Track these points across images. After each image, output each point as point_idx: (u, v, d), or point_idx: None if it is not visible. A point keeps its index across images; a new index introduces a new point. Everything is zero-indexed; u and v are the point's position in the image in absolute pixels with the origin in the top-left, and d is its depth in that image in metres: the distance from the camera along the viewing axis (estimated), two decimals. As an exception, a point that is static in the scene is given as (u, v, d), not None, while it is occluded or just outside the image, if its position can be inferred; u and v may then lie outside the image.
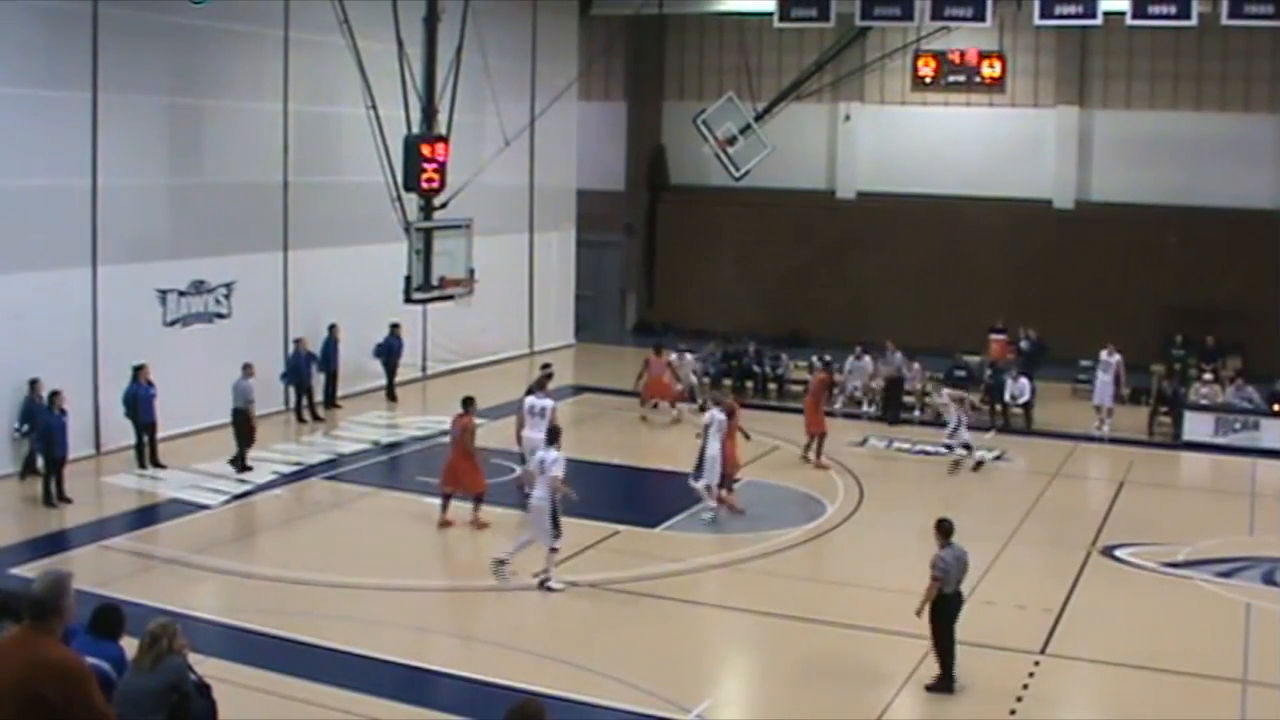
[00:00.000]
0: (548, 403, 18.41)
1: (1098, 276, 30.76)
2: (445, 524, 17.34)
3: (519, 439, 18.80)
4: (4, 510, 17.66)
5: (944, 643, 12.21)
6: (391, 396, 25.56)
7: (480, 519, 17.36)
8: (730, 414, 18.58)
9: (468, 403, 17.77)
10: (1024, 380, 25.23)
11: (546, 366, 22.22)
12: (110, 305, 20.38)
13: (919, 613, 12.22)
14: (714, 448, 17.86)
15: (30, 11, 19.03)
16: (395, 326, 25.14)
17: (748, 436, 19.76)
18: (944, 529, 12.38)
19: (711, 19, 33.73)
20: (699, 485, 18.00)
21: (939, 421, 22.96)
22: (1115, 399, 24.79)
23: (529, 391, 19.33)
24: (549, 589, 14.66)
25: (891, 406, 25.31)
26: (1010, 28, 30.62)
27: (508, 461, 19.80)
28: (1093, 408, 24.85)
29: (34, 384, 18.55)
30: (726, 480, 18.32)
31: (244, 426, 19.96)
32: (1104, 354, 24.88)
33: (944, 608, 12.15)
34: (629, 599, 14.72)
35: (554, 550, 14.75)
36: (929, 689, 12.23)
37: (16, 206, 18.95)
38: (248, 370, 20.22)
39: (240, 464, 19.78)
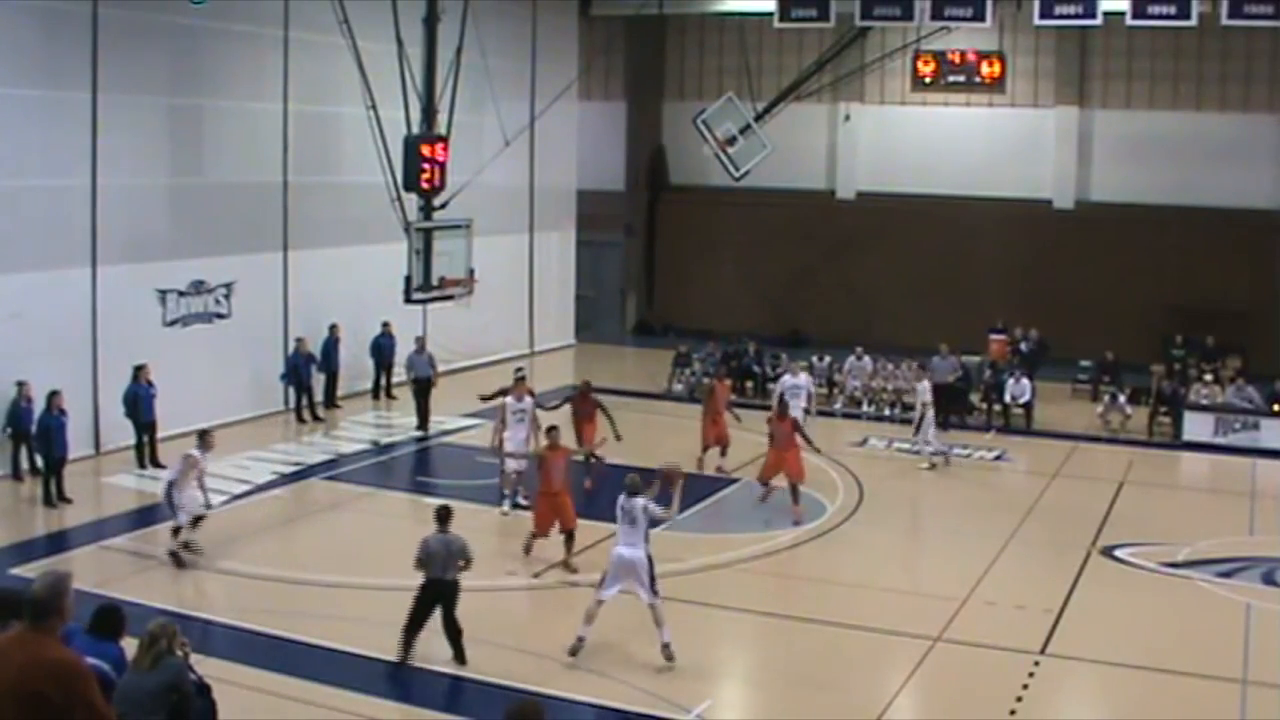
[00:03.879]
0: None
1: (1098, 276, 30.77)
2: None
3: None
4: (4, 510, 17.67)
5: (412, 622, 12.46)
6: (390, 395, 25.55)
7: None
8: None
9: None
10: (1024, 380, 25.23)
11: (519, 370, 20.59)
12: (110, 305, 20.39)
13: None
14: None
15: (30, 12, 19.04)
16: (386, 325, 25.12)
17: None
18: (439, 515, 12.72)
19: (711, 19, 33.73)
20: None
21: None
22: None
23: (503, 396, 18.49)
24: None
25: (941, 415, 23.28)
26: (1010, 28, 30.67)
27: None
28: (1107, 414, 24.82)
29: (21, 386, 18.53)
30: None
31: (426, 395, 23.12)
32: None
33: (423, 591, 12.44)
34: (629, 599, 14.69)
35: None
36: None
37: (16, 206, 18.97)
38: (420, 342, 23.78)
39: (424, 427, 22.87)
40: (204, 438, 16.28)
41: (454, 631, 12.60)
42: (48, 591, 5.96)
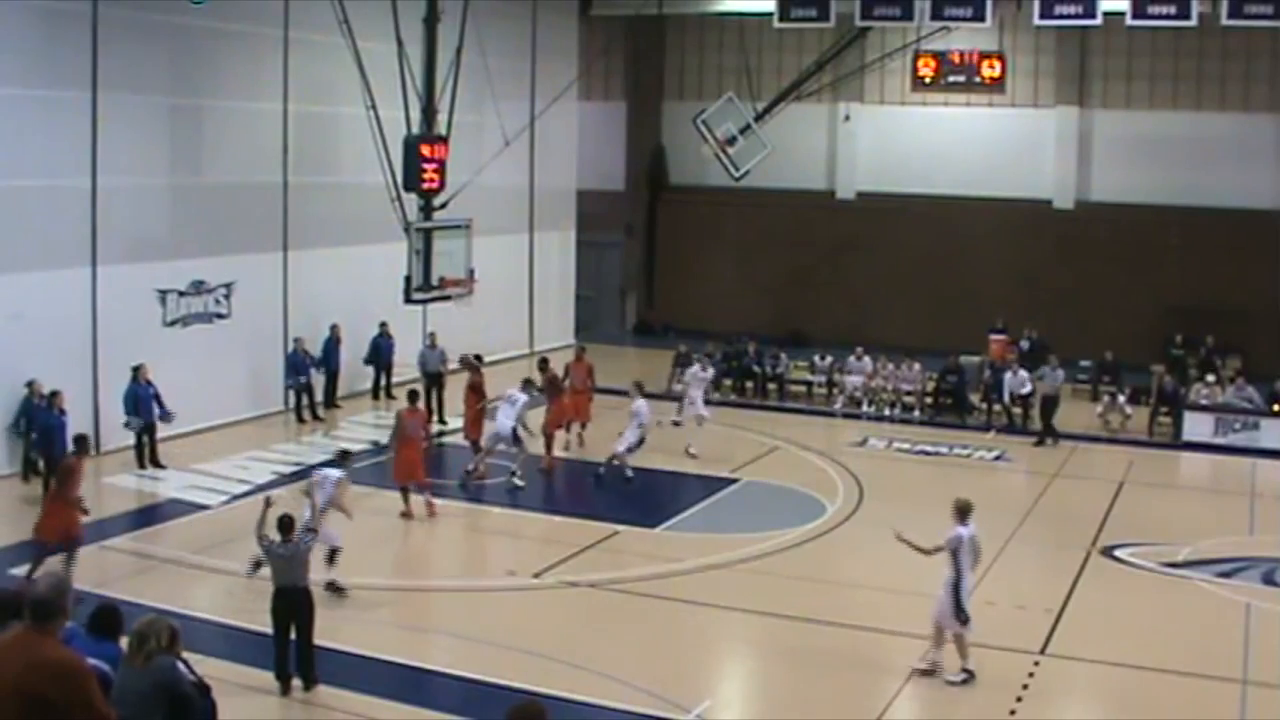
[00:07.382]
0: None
1: (1098, 276, 30.78)
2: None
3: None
4: (4, 510, 17.65)
5: (278, 647, 11.86)
6: (390, 395, 25.54)
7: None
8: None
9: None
10: (1023, 372, 25.04)
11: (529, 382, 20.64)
12: (110, 305, 20.38)
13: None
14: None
15: (30, 11, 19.03)
16: (384, 325, 25.13)
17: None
18: (282, 524, 12.17)
19: (711, 19, 33.72)
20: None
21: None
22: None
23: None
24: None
25: (1049, 426, 23.78)
26: (1010, 28, 30.67)
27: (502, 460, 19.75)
28: (1107, 414, 24.74)
29: (31, 384, 18.55)
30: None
31: (440, 388, 23.84)
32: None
33: (272, 600, 11.92)
34: (629, 599, 14.72)
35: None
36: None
37: (16, 206, 18.96)
38: (433, 337, 24.43)
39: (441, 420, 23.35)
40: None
41: (306, 659, 11.87)
42: (51, 591, 5.96)
